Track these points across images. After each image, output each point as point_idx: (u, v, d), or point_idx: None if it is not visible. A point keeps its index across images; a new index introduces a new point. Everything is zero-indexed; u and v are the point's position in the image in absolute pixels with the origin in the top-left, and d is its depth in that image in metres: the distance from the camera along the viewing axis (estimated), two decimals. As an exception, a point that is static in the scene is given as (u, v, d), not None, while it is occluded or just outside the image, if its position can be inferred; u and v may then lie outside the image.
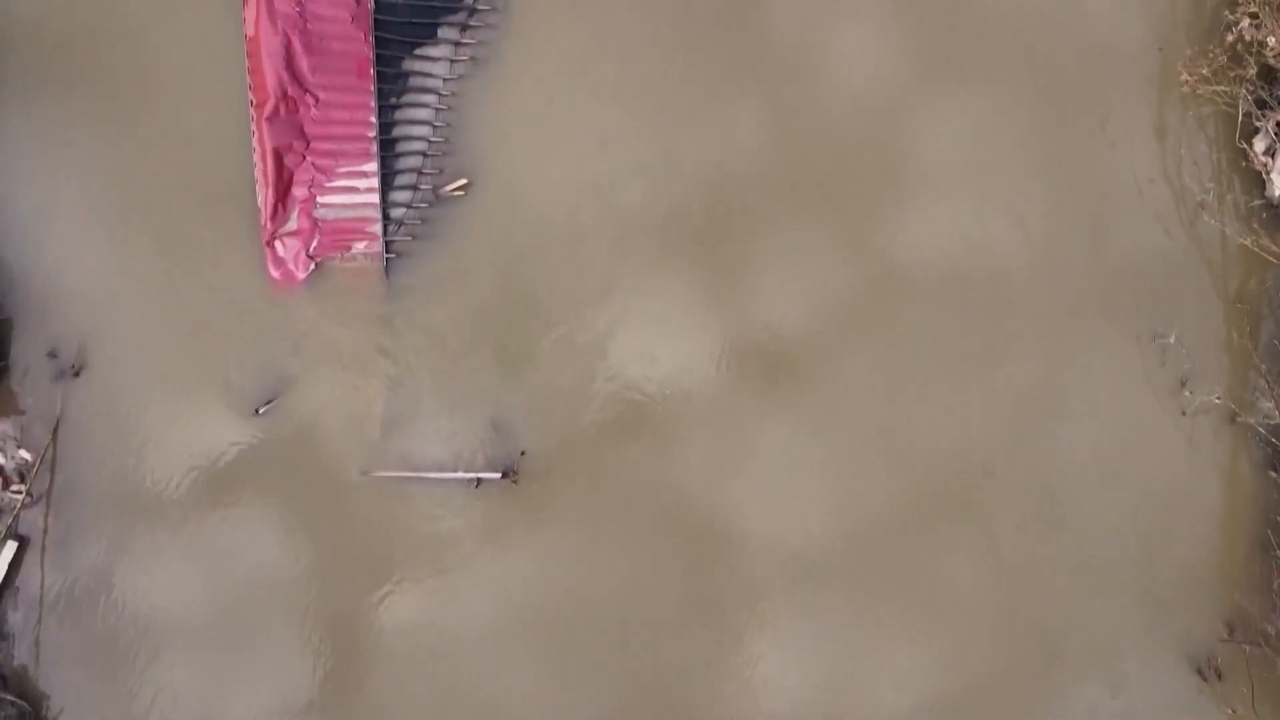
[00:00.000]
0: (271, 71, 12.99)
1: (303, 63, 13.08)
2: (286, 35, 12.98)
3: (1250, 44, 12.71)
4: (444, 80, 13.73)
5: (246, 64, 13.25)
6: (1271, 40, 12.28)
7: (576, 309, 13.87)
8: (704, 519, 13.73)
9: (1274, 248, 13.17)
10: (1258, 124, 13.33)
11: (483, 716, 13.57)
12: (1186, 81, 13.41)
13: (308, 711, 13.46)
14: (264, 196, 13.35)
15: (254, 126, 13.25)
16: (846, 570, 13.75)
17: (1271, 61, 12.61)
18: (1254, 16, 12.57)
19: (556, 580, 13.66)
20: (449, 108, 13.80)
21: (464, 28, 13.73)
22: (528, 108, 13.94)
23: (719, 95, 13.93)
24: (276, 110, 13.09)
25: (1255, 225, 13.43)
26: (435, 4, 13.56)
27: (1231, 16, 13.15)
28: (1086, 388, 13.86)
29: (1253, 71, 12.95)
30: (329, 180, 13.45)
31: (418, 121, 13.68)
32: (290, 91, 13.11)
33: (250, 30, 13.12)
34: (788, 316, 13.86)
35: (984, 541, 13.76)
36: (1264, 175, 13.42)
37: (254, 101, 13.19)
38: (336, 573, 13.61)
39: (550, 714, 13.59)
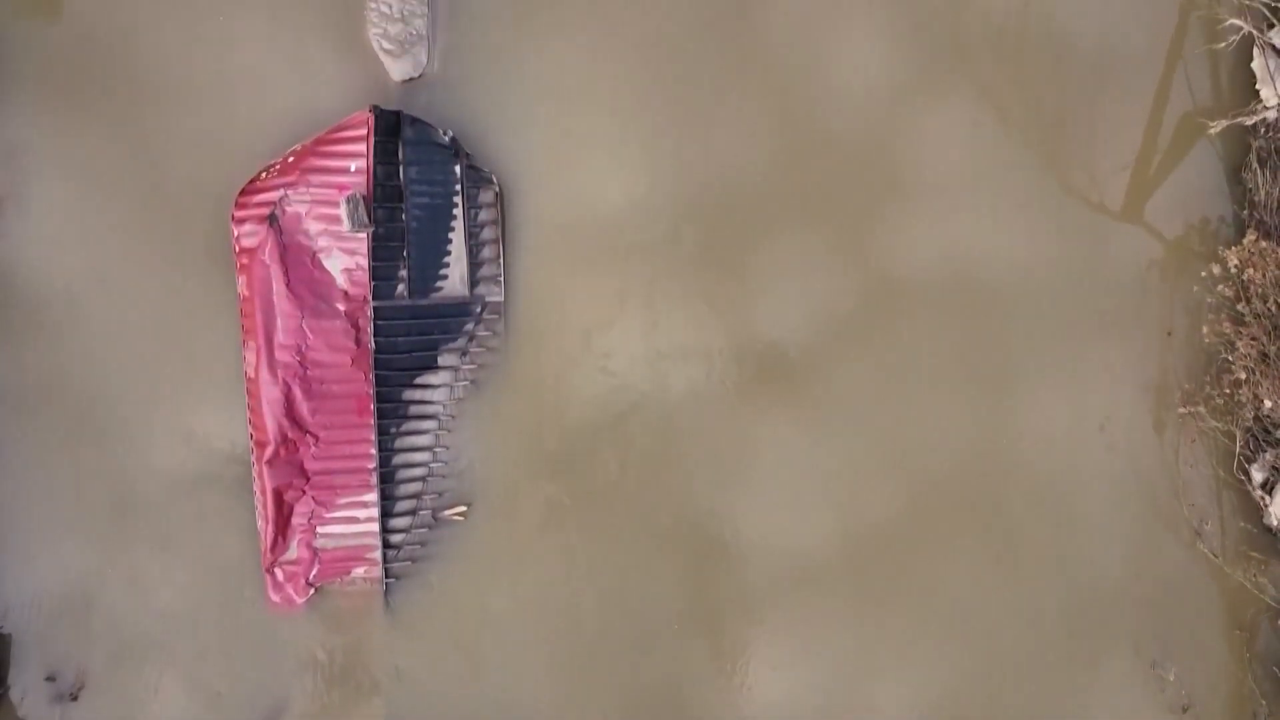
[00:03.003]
0: (271, 418, 13.02)
1: (303, 408, 13.11)
2: (286, 384, 13.01)
3: (1249, 397, 12.78)
4: (444, 405, 13.77)
5: (247, 400, 13.30)
6: (1267, 403, 12.35)
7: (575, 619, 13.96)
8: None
9: (1271, 588, 13.23)
10: (1254, 459, 13.41)
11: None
12: (1183, 414, 13.49)
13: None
14: (263, 529, 13.36)
15: (254, 463, 13.28)
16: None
17: (1266, 419, 12.71)
18: (1249, 372, 12.64)
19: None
20: (449, 430, 13.84)
21: (464, 353, 13.77)
22: (527, 429, 14.01)
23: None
24: (277, 453, 13.11)
25: (1251, 561, 13.49)
26: (436, 336, 13.60)
27: (1229, 359, 13.21)
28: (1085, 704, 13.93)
29: (1250, 415, 13.02)
30: (329, 512, 13.46)
31: (418, 448, 13.70)
32: (290, 435, 13.14)
33: (251, 373, 13.16)
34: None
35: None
36: (1261, 507, 13.47)
37: (254, 439, 13.22)
38: None
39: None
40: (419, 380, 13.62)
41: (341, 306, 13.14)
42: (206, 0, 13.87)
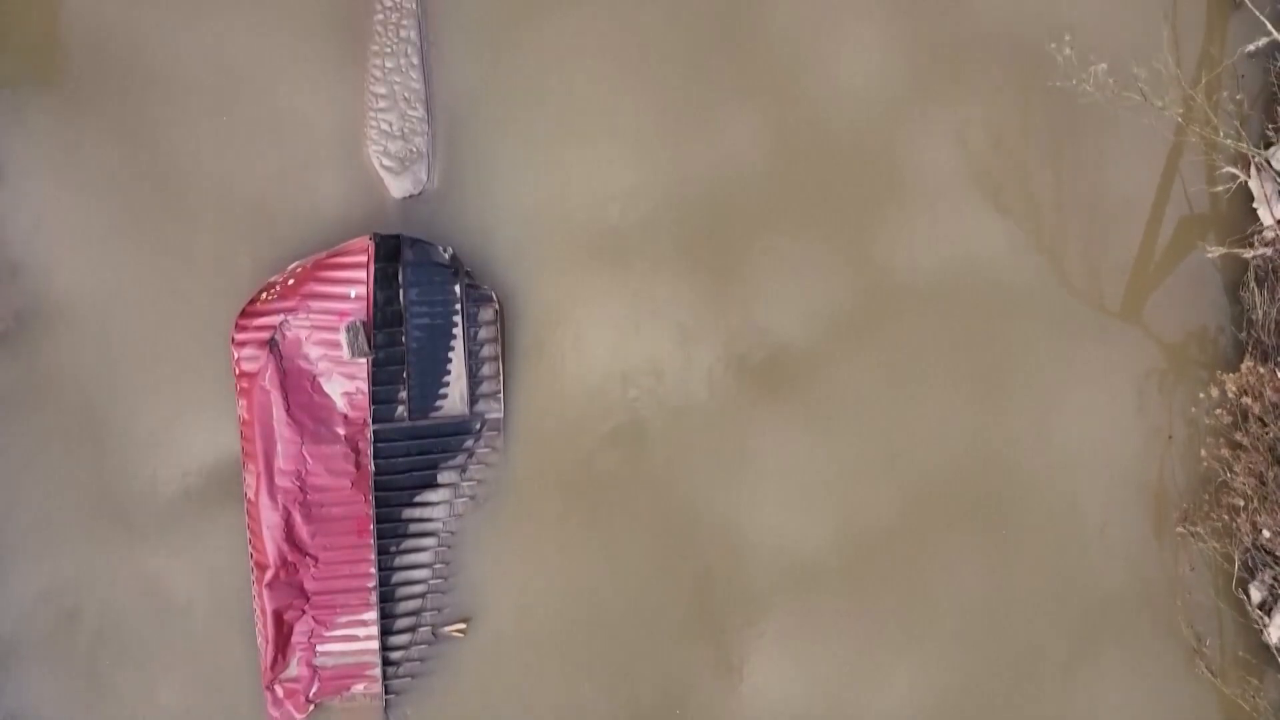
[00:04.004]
0: (271, 542, 13.06)
1: (303, 531, 13.14)
2: (286, 509, 13.05)
3: (1247, 525, 12.80)
4: (443, 522, 13.79)
5: (247, 522, 13.34)
6: (1266, 533, 12.38)
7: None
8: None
9: (1269, 709, 13.24)
10: (1252, 578, 13.44)
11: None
12: (1181, 534, 13.52)
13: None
14: (263, 648, 13.38)
15: (254, 584, 13.30)
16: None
17: (1264, 546, 12.74)
18: (1247, 499, 12.67)
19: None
20: (448, 547, 13.86)
21: (463, 469, 13.80)
22: (527, 544, 14.04)
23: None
24: (276, 576, 13.14)
25: (1250, 683, 13.51)
26: (435, 455, 13.62)
27: (1228, 480, 13.22)
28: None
29: (1248, 541, 13.04)
30: (329, 630, 13.48)
31: (418, 565, 13.72)
32: (290, 558, 13.17)
33: (251, 495, 13.19)
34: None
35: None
36: (1260, 627, 13.48)
37: (254, 561, 13.25)
38: None
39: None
40: (419, 498, 13.64)
41: (341, 430, 13.17)
42: (211, 102, 13.90)
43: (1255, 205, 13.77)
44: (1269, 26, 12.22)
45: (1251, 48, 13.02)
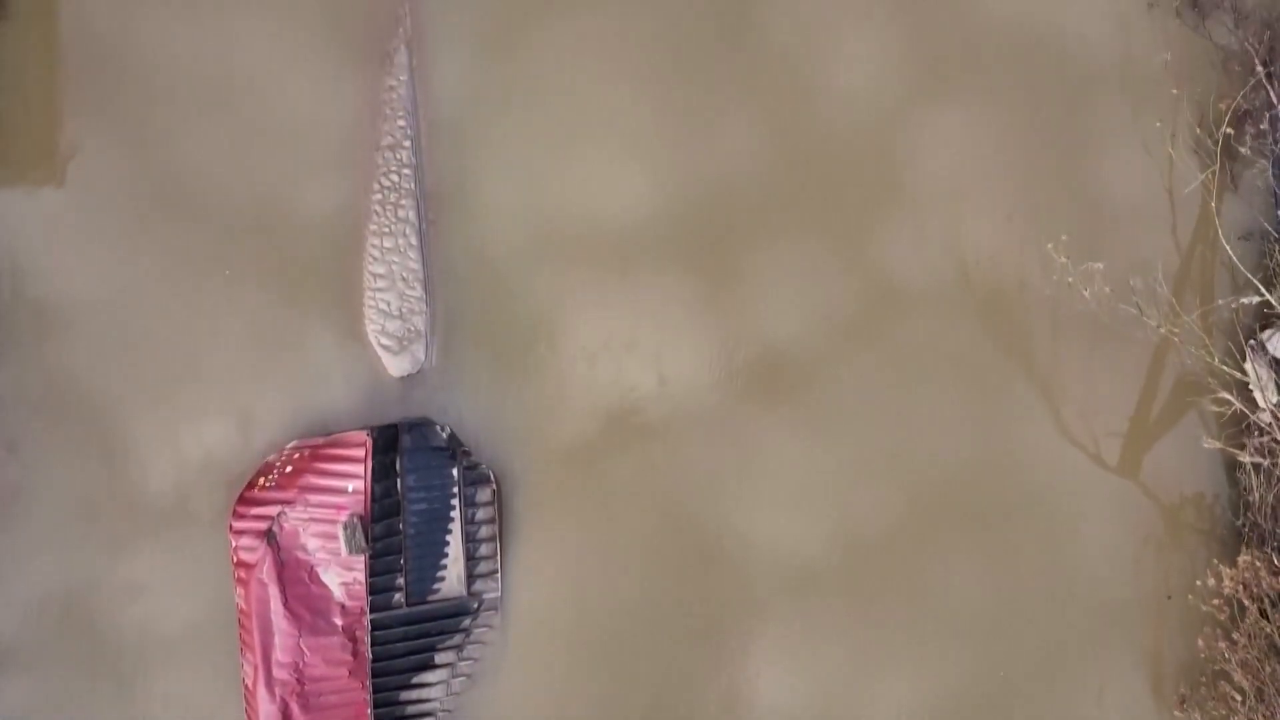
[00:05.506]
0: (270, 734, 13.12)
1: (300, 721, 13.20)
2: (284, 701, 13.06)
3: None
4: (440, 701, 13.81)
5: (245, 709, 13.37)
6: (1262, 732, 12.40)
7: None
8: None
9: None
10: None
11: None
12: (1179, 718, 13.52)
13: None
14: (261, 832, 13.41)
15: (253, 770, 13.36)
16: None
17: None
18: (1244, 694, 12.66)
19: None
20: (447, 725, 13.91)
21: (460, 649, 13.82)
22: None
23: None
24: (275, 765, 13.19)
25: None
26: (433, 637, 13.65)
27: (1225, 669, 13.22)
28: None
29: (1242, 723, 13.06)
30: (326, 812, 13.50)
31: (415, 748, 13.76)
32: (289, 749, 13.22)
33: (249, 684, 13.22)
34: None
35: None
36: (1259, 811, 13.47)
37: (254, 749, 13.32)
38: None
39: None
40: (416, 680, 13.66)
41: (339, 620, 13.20)
42: (209, 295, 13.90)
43: (1251, 388, 13.78)
44: (1260, 289, 12.36)
45: (1244, 301, 13.10)
